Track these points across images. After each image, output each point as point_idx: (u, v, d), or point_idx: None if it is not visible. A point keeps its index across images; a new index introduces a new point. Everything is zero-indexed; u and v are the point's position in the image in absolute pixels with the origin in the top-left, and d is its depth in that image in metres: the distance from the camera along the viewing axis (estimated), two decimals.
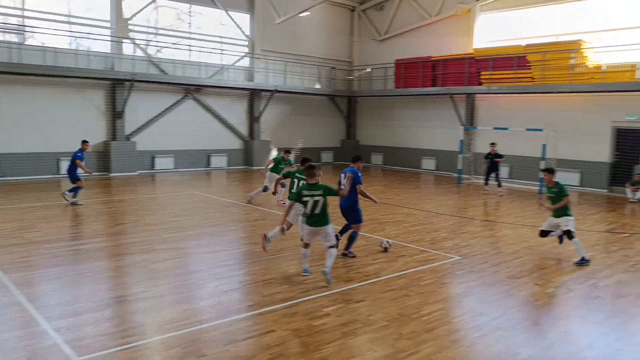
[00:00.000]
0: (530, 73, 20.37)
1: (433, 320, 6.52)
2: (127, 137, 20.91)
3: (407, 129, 25.72)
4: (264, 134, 25.08)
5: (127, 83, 20.36)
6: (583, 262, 9.20)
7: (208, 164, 23.32)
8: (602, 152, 19.22)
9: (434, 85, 23.95)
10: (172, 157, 21.95)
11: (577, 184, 19.64)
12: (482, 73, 21.93)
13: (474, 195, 17.84)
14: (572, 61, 19.09)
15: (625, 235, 11.79)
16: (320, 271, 8.06)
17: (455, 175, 22.13)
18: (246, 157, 24.47)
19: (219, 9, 23.23)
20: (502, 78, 21.28)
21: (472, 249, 10.12)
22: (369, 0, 27.75)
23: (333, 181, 17.00)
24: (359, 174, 8.97)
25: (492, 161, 17.52)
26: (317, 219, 7.77)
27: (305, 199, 7.76)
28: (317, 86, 27.03)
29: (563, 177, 19.76)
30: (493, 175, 17.75)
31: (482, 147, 22.73)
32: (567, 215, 9.50)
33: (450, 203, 16.04)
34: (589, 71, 18.81)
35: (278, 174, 13.83)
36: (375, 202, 9.12)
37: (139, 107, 21.12)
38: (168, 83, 21.33)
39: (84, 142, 13.86)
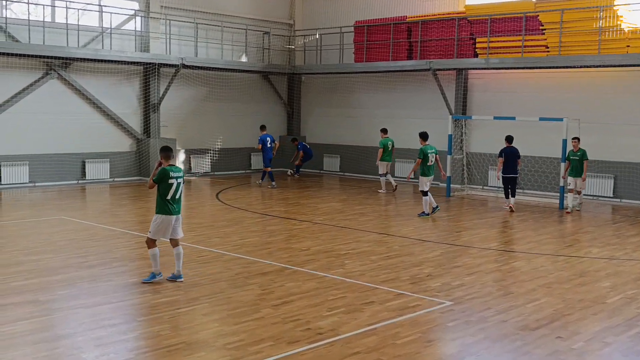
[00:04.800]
0: (543, 40, 21.02)
1: None
2: None
3: (373, 121, 25.92)
4: (165, 128, 24.75)
5: None
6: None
7: (82, 174, 22.77)
8: None
9: (410, 57, 24.27)
10: (26, 166, 21.30)
11: (610, 193, 20.30)
12: (478, 40, 22.41)
13: (471, 213, 18.18)
14: (599, 23, 19.82)
15: None
16: (173, 279, 10.31)
17: (443, 184, 22.48)
18: (140, 163, 24.01)
19: None
20: (505, 47, 21.84)
21: (469, 289, 10.22)
22: None
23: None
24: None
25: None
26: (179, 206, 10.25)
27: (171, 181, 9.99)
28: (244, 59, 26.92)
29: (592, 184, 20.44)
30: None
31: (480, 144, 23.17)
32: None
33: (437, 225, 16.19)
34: (623, 37, 19.57)
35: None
36: None
37: None
38: (20, 55, 20.71)
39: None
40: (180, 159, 25.18)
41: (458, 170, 22.97)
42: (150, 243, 10.22)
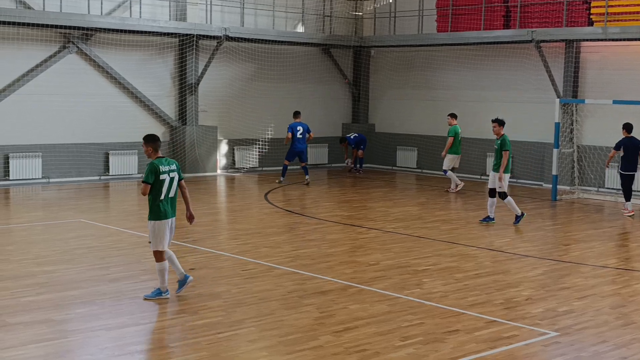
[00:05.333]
0: None
1: None
2: None
3: (459, 105, 25.66)
4: (205, 113, 25.04)
5: None
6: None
7: (105, 168, 23.25)
8: None
9: (507, 26, 24.04)
10: (38, 158, 21.81)
11: None
12: (594, 4, 22.05)
13: (583, 221, 17.91)
14: None
15: None
16: (183, 284, 10.53)
17: (548, 185, 22.18)
18: (174, 155, 24.25)
19: None
20: (628, 12, 21.41)
21: (580, 317, 10.07)
22: None
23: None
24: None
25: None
26: (174, 206, 10.44)
27: (162, 176, 10.14)
28: (300, 29, 27.02)
29: None
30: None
31: (595, 135, 22.75)
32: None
33: (540, 236, 16.04)
34: None
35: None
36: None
37: None
38: (32, 25, 21.17)
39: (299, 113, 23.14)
40: (221, 151, 25.44)
41: (567, 167, 22.62)
42: (159, 255, 10.34)
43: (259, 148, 26.38)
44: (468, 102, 25.30)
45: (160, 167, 10.14)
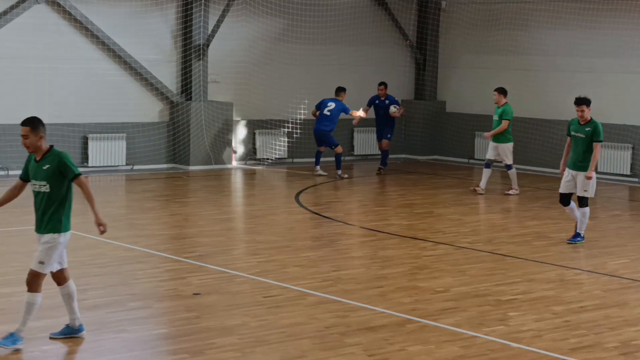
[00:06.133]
0: None
1: None
2: None
3: (558, 77, 25.65)
4: (216, 85, 25.19)
5: None
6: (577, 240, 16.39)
7: (83, 158, 23.47)
8: None
9: None
10: None
11: None
12: None
13: None
14: None
15: None
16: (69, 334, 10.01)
17: None
18: (175, 141, 24.45)
19: None
20: None
21: None
22: None
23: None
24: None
25: None
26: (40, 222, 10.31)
27: (34, 186, 10.19)
28: None
29: None
30: None
31: None
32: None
33: None
34: None
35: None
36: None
37: None
38: None
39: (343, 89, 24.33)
40: (238, 136, 25.48)
41: None
42: (41, 281, 9.92)
43: (288, 132, 26.42)
44: (573, 73, 25.16)
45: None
